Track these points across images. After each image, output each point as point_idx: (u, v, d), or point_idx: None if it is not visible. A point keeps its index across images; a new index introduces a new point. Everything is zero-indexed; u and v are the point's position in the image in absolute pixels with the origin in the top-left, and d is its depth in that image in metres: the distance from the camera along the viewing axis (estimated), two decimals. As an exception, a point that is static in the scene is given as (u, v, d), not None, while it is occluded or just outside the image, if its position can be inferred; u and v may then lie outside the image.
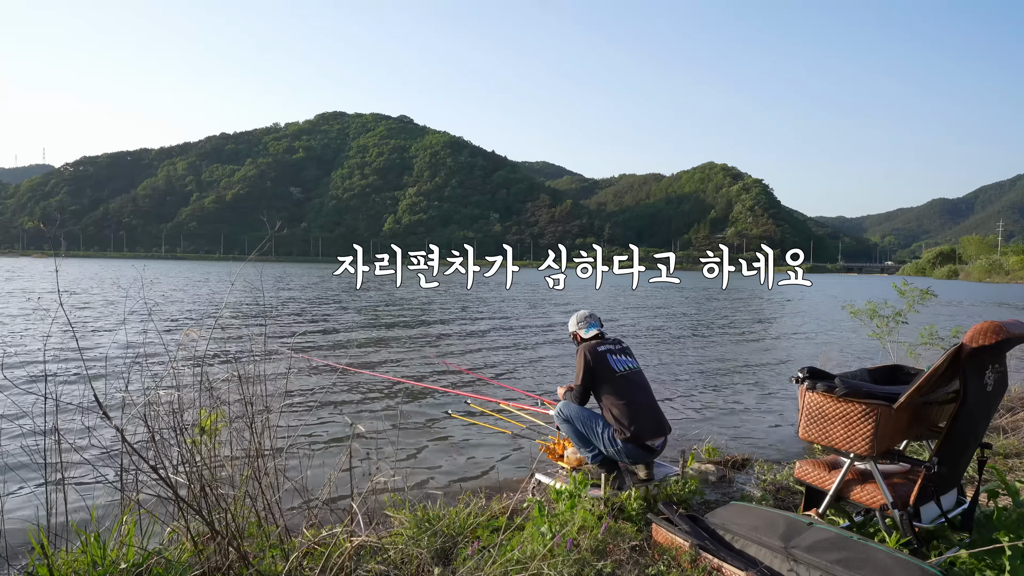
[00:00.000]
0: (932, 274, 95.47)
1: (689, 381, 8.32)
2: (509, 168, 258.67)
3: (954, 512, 2.61)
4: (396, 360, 9.52)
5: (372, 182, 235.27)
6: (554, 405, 3.73)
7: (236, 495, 2.50)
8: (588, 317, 3.76)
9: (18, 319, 13.42)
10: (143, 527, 2.39)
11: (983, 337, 2.23)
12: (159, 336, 2.79)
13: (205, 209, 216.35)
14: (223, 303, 18.28)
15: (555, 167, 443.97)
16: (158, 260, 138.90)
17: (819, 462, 2.81)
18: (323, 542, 2.45)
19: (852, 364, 8.90)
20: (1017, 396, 5.72)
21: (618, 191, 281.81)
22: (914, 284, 6.98)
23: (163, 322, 13.17)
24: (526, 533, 2.65)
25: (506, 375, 8.51)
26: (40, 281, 29.16)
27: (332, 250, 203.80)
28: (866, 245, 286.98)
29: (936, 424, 2.71)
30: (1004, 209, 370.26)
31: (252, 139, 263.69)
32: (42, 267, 53.51)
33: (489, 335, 13.00)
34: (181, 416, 2.43)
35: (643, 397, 3.44)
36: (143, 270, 3.33)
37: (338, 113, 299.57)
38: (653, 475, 3.42)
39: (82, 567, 2.09)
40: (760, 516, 2.51)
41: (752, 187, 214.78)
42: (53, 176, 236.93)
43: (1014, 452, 4.31)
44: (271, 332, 12.37)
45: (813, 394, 2.56)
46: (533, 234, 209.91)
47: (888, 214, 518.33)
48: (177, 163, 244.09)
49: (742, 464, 4.36)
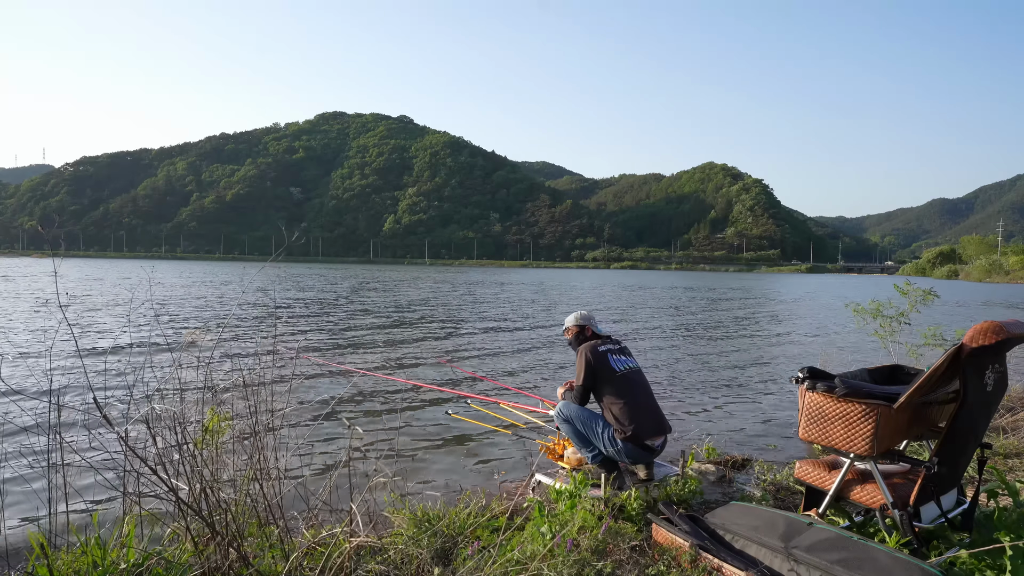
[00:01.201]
0: (932, 274, 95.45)
1: (689, 381, 8.32)
2: (509, 168, 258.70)
3: (954, 512, 2.61)
4: (396, 360, 9.52)
5: (372, 182, 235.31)
6: (554, 405, 3.73)
7: (236, 496, 2.51)
8: (588, 317, 3.76)
9: (19, 320, 13.42)
10: (143, 528, 2.39)
11: (983, 337, 2.23)
12: (163, 337, 2.79)
13: (205, 209, 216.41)
14: (225, 304, 18.30)
15: (555, 167, 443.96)
16: (158, 260, 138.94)
17: (819, 462, 2.81)
18: (323, 542, 2.45)
19: (852, 364, 8.90)
20: (1017, 396, 5.72)
21: (618, 191, 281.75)
22: (916, 284, 6.97)
23: (164, 323, 13.17)
24: (526, 533, 2.65)
25: (506, 375, 8.51)
26: (40, 282, 29.18)
27: (332, 250, 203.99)
28: (866, 245, 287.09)
29: (936, 424, 2.71)
30: (1004, 209, 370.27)
31: (252, 139, 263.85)
32: (40, 268, 53.56)
33: (489, 335, 13.01)
34: (183, 417, 2.43)
35: (643, 397, 3.44)
36: (151, 271, 3.32)
37: (338, 113, 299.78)
38: (653, 475, 3.42)
39: (82, 568, 2.09)
40: (760, 516, 2.51)
41: (752, 187, 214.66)
42: (53, 176, 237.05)
43: (1014, 452, 4.31)
44: (271, 333, 12.38)
45: (813, 394, 2.56)
46: (533, 234, 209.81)
47: (888, 214, 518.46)
48: (177, 163, 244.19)
49: (742, 464, 4.36)
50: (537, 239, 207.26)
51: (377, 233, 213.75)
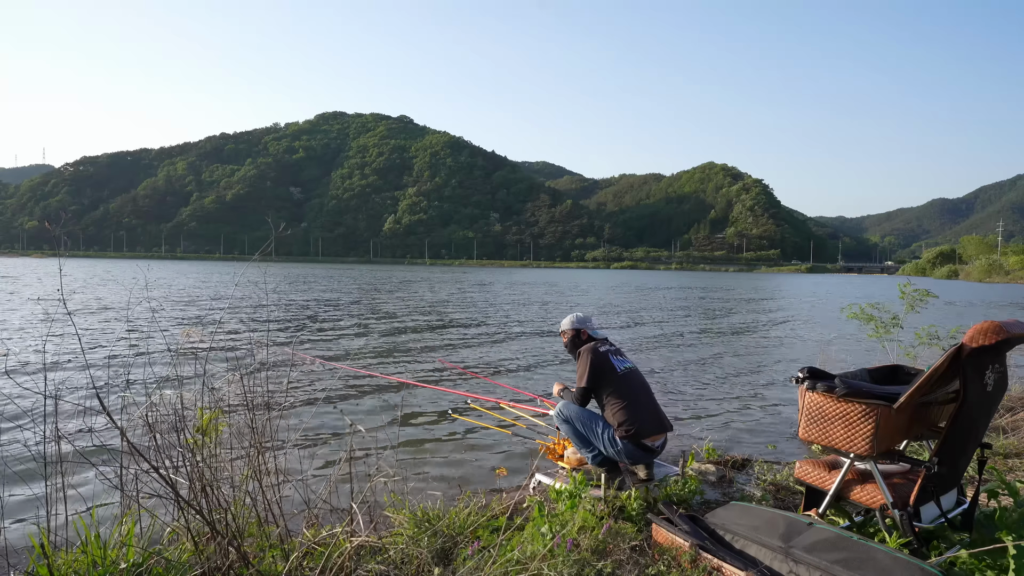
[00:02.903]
0: (932, 274, 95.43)
1: (689, 381, 8.32)
2: (509, 168, 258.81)
3: (954, 512, 2.60)
4: (396, 360, 9.52)
5: (372, 182, 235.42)
6: (554, 405, 3.73)
7: (236, 495, 2.50)
8: (586, 320, 3.77)
9: (19, 319, 13.42)
10: (143, 527, 2.39)
11: (983, 337, 2.23)
12: (161, 335, 2.79)
13: (205, 209, 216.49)
14: (226, 304, 18.30)
15: (555, 167, 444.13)
16: (158, 260, 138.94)
17: (819, 462, 2.81)
18: (323, 542, 2.45)
19: (852, 364, 8.90)
20: (1017, 396, 5.72)
21: (618, 191, 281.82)
22: (916, 285, 6.98)
23: (165, 322, 13.17)
24: (526, 533, 2.65)
25: (506, 375, 8.51)
26: (38, 282, 29.17)
27: (332, 250, 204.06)
28: (866, 245, 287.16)
29: (936, 424, 2.71)
30: (1004, 209, 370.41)
31: (252, 139, 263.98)
32: (41, 268, 53.55)
33: (489, 335, 13.01)
34: (182, 415, 2.43)
35: (644, 396, 3.45)
36: (147, 269, 3.33)
37: (338, 113, 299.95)
38: (653, 475, 3.42)
39: (82, 567, 2.08)
40: (760, 516, 2.51)
41: (752, 187, 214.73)
42: (53, 176, 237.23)
43: (1014, 452, 4.31)
44: (271, 333, 12.38)
45: (813, 394, 2.56)
46: (533, 234, 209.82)
47: (888, 214, 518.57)
48: (177, 163, 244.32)
49: (742, 464, 4.36)
50: (537, 239, 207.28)
51: (377, 233, 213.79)
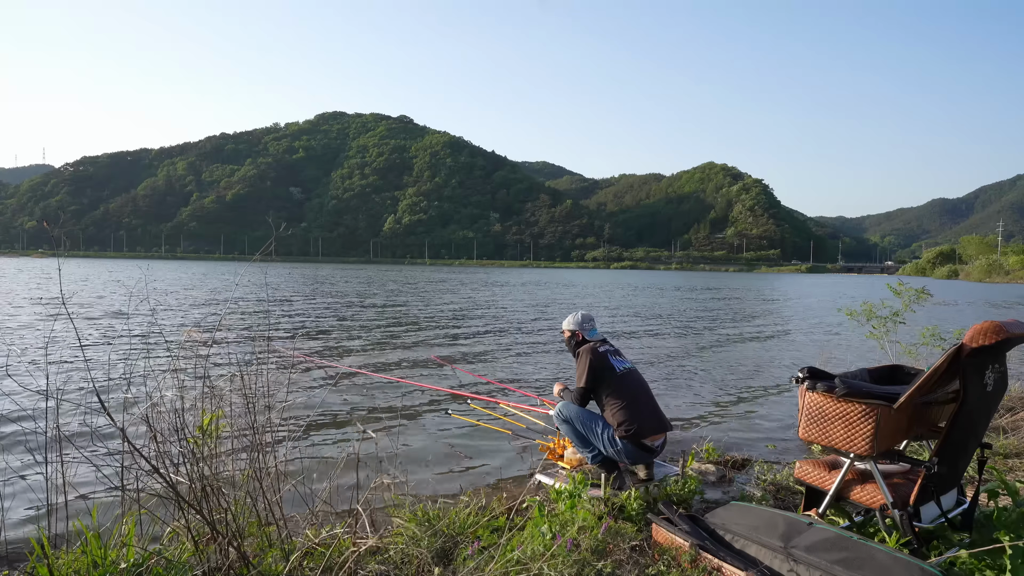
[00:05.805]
0: (932, 274, 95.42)
1: (689, 381, 8.32)
2: (509, 168, 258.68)
3: (954, 512, 2.61)
4: (396, 361, 9.52)
5: (372, 182, 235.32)
6: (554, 405, 3.73)
7: (237, 495, 2.50)
8: (587, 320, 3.77)
9: (18, 319, 13.42)
10: (143, 527, 2.39)
11: (983, 337, 2.23)
12: (162, 336, 2.79)
13: (205, 209, 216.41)
14: (226, 304, 18.30)
15: (555, 167, 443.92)
16: (158, 260, 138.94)
17: (819, 462, 2.81)
18: (324, 542, 2.46)
19: (852, 364, 8.90)
20: (1017, 396, 5.72)
21: (618, 191, 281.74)
22: (911, 284, 6.99)
23: (165, 323, 13.17)
24: (526, 533, 2.65)
25: (506, 375, 8.51)
26: (37, 282, 29.18)
27: (332, 250, 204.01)
28: (866, 245, 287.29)
29: (936, 424, 2.71)
30: (1004, 209, 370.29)
31: (252, 139, 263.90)
32: (41, 267, 53.55)
33: (489, 336, 13.01)
34: (183, 415, 2.43)
35: (643, 396, 3.46)
36: (146, 269, 3.33)
37: (338, 113, 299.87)
38: (653, 475, 3.43)
39: (82, 567, 2.08)
40: (760, 516, 2.51)
41: (752, 187, 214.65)
42: (53, 176, 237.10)
43: (1014, 452, 4.31)
44: (272, 333, 12.38)
45: (813, 394, 2.56)
46: (533, 234, 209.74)
47: (888, 214, 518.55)
48: (177, 163, 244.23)
49: (742, 464, 4.36)
50: (537, 239, 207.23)
51: (377, 233, 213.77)
